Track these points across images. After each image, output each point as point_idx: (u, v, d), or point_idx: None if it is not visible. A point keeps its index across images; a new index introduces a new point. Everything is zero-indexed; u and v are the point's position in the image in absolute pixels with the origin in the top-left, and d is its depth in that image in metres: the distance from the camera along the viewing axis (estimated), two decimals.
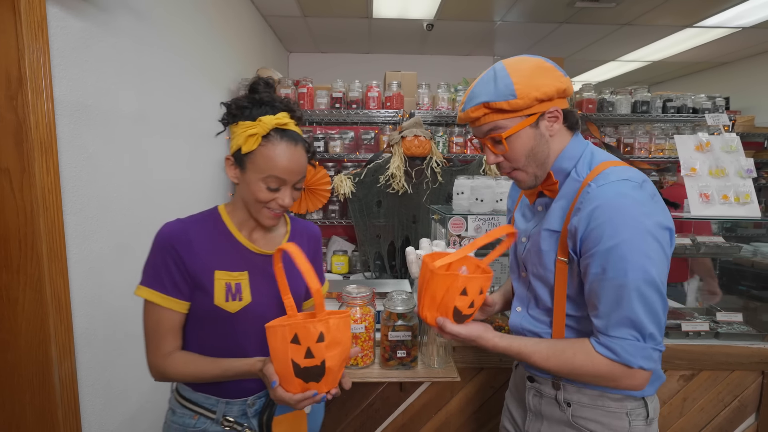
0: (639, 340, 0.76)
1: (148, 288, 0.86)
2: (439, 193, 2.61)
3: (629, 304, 0.75)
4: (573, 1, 3.20)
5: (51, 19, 1.25)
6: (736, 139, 1.75)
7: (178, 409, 0.92)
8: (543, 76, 0.82)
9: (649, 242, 0.75)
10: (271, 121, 0.84)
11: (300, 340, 0.76)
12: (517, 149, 0.85)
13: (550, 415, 0.93)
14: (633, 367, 0.77)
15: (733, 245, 1.77)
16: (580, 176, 0.85)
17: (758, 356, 1.51)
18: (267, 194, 0.86)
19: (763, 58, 4.53)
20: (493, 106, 0.82)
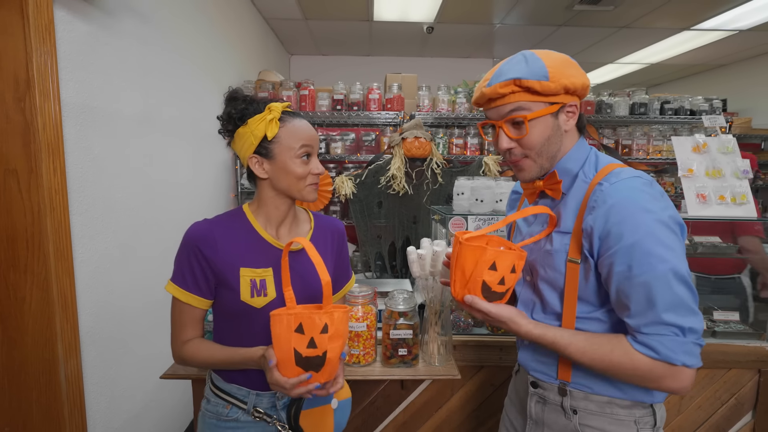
0: (678, 335, 0.73)
1: (174, 284, 0.90)
2: (440, 193, 2.64)
3: (662, 299, 0.72)
4: (571, 4, 3.23)
5: (58, 22, 1.27)
6: (733, 141, 1.77)
7: (213, 399, 0.95)
8: (572, 67, 0.82)
9: (670, 235, 0.74)
10: (280, 106, 0.90)
11: (304, 329, 0.78)
12: (535, 135, 0.83)
13: (552, 423, 0.89)
14: (676, 365, 0.73)
15: (729, 245, 1.79)
16: (588, 177, 0.84)
17: (755, 355, 1.53)
18: (304, 167, 0.91)
19: (760, 61, 4.57)
20: (524, 83, 0.79)
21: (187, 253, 0.88)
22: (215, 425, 0.93)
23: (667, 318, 0.73)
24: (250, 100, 0.92)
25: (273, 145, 0.89)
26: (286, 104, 0.93)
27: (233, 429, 0.93)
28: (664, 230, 0.74)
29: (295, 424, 0.92)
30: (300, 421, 0.92)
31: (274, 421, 0.93)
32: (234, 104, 0.91)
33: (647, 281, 0.73)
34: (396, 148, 2.61)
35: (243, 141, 0.90)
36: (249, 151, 0.90)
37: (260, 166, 0.91)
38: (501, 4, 3.32)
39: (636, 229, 0.74)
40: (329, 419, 0.98)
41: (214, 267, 0.89)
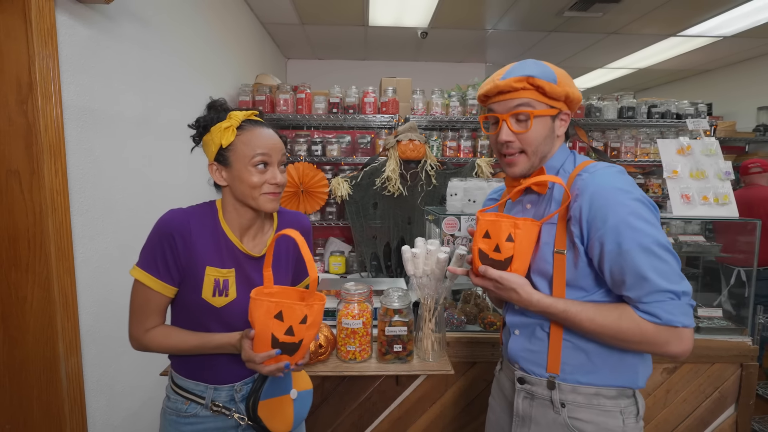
0: (675, 299, 0.78)
1: (142, 270, 0.89)
2: (433, 195, 2.68)
3: (654, 269, 0.78)
4: (562, 11, 3.31)
5: (60, 26, 1.30)
6: (716, 143, 1.83)
7: (172, 396, 0.97)
8: (571, 81, 0.93)
9: (647, 211, 0.82)
10: (240, 114, 0.91)
11: (284, 317, 0.81)
12: (536, 133, 0.90)
13: (541, 418, 0.92)
14: (677, 326, 0.78)
15: (713, 244, 1.85)
16: (567, 172, 0.93)
17: (737, 350, 1.59)
18: (259, 176, 0.89)
19: (744, 66, 4.69)
20: (537, 81, 0.87)
21: (161, 239, 0.88)
22: (175, 421, 0.95)
23: (663, 286, 0.78)
24: (221, 109, 0.94)
25: (229, 153, 0.90)
26: (250, 113, 0.93)
27: (192, 424, 0.94)
28: (642, 207, 0.82)
29: (253, 415, 0.93)
30: (258, 411, 0.93)
31: (232, 414, 0.94)
32: (207, 113, 0.95)
33: (638, 255, 0.79)
34: (391, 151, 2.66)
35: (207, 149, 0.93)
36: (211, 158, 0.93)
37: (219, 173, 0.93)
38: (493, 10, 3.38)
39: (618, 209, 0.81)
40: (288, 409, 0.99)
41: (183, 260, 0.89)
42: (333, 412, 1.49)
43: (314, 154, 2.93)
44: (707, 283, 3.02)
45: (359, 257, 2.81)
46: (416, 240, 1.42)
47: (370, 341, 1.38)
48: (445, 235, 1.60)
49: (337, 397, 1.48)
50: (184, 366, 0.96)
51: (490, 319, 1.58)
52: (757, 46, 4.14)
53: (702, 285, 2.96)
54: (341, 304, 1.34)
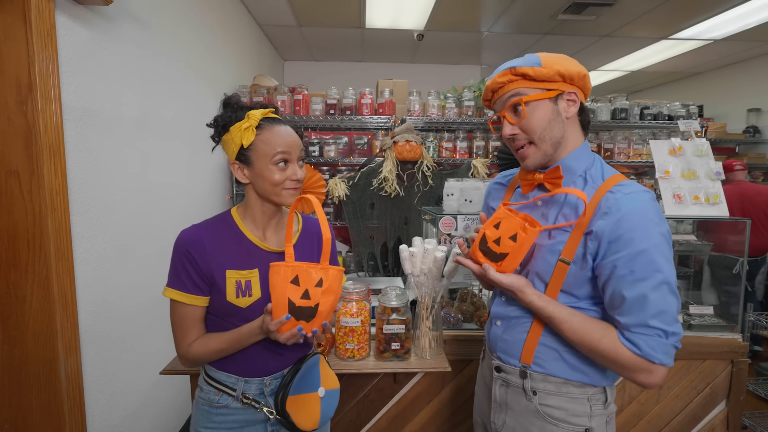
0: (662, 337, 0.80)
1: (172, 289, 0.93)
2: (430, 195, 2.71)
3: (655, 305, 0.79)
4: (555, 14, 3.35)
5: (59, 27, 1.31)
6: (706, 144, 1.87)
7: (205, 387, 0.99)
8: (567, 59, 0.89)
9: (669, 249, 0.82)
10: (258, 113, 0.93)
11: (300, 281, 0.84)
12: (534, 118, 0.88)
13: (515, 404, 0.97)
14: (654, 362, 0.80)
15: (704, 243, 1.89)
16: (595, 182, 0.89)
17: (728, 346, 1.62)
18: (280, 174, 0.92)
19: (734, 69, 4.77)
20: (519, 70, 0.87)
21: (180, 258, 0.92)
22: (207, 411, 0.97)
23: (655, 323, 0.80)
24: (237, 107, 0.95)
25: (250, 152, 0.92)
26: (267, 111, 0.95)
27: (224, 415, 0.97)
28: (665, 244, 0.82)
29: (281, 409, 0.95)
30: (287, 407, 0.95)
31: (261, 407, 0.96)
32: (224, 111, 0.96)
33: (645, 287, 0.80)
34: (388, 152, 2.68)
35: (227, 148, 0.95)
36: (232, 157, 0.94)
37: (241, 171, 0.95)
38: (488, 13, 3.42)
39: (645, 239, 0.80)
40: (315, 406, 1.01)
41: (204, 269, 0.92)
42: None
43: (312, 155, 2.95)
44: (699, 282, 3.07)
45: (356, 257, 2.83)
46: (413, 239, 1.44)
47: (368, 339, 1.40)
48: (442, 235, 1.62)
49: None
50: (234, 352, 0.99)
51: (486, 318, 1.60)
52: (747, 49, 4.21)
53: (694, 283, 3.01)
54: (339, 302, 1.36)
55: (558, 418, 0.92)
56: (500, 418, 1.00)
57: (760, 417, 2.30)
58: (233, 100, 0.98)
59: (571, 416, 0.91)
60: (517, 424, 0.97)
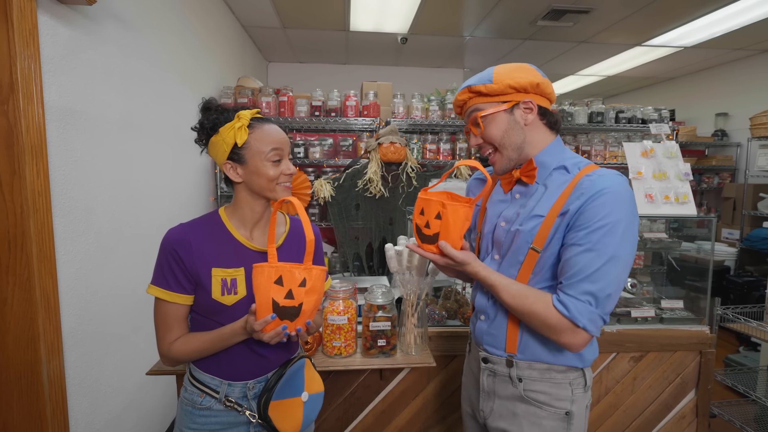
0: (591, 305, 0.87)
1: (156, 286, 0.94)
2: (414, 196, 2.75)
3: (598, 274, 0.85)
4: (535, 20, 3.45)
5: (42, 27, 1.30)
6: (676, 147, 1.97)
7: (189, 387, 1.00)
8: (520, 71, 0.96)
9: (633, 230, 0.88)
10: (248, 113, 0.95)
11: (284, 282, 0.86)
12: (491, 130, 0.97)
13: (502, 392, 1.03)
14: (578, 326, 0.87)
15: (674, 240, 1.98)
16: (572, 172, 0.95)
17: (696, 338, 1.71)
18: (275, 169, 0.95)
19: (703, 75, 4.99)
20: (474, 89, 0.97)
21: (166, 256, 0.93)
22: (190, 412, 0.98)
23: (589, 289, 0.87)
24: (221, 109, 0.97)
25: (244, 150, 0.94)
26: (254, 111, 0.97)
27: (206, 416, 0.97)
28: (631, 224, 0.88)
29: (264, 414, 0.96)
30: (269, 411, 0.96)
31: (244, 410, 0.97)
32: (207, 114, 0.97)
33: (592, 258, 0.86)
34: (372, 153, 2.71)
35: (217, 149, 0.96)
36: (223, 157, 0.96)
37: (234, 171, 0.96)
38: (470, 18, 3.50)
39: (610, 215, 0.86)
40: (298, 411, 1.02)
41: (190, 268, 0.93)
42: None
43: (297, 157, 2.96)
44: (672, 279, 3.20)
45: (342, 258, 2.85)
46: (399, 238, 1.47)
47: (355, 337, 1.43)
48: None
49: None
50: (205, 359, 0.99)
51: (470, 314, 1.65)
52: (715, 56, 4.41)
53: (667, 280, 3.14)
54: (326, 301, 1.38)
55: (542, 402, 0.98)
56: (488, 405, 1.06)
57: (728, 406, 2.42)
58: (213, 104, 0.99)
59: (554, 400, 0.98)
60: (503, 409, 1.03)
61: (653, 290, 2.20)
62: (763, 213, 3.77)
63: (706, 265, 2.23)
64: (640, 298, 1.96)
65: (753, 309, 2.25)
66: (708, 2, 3.11)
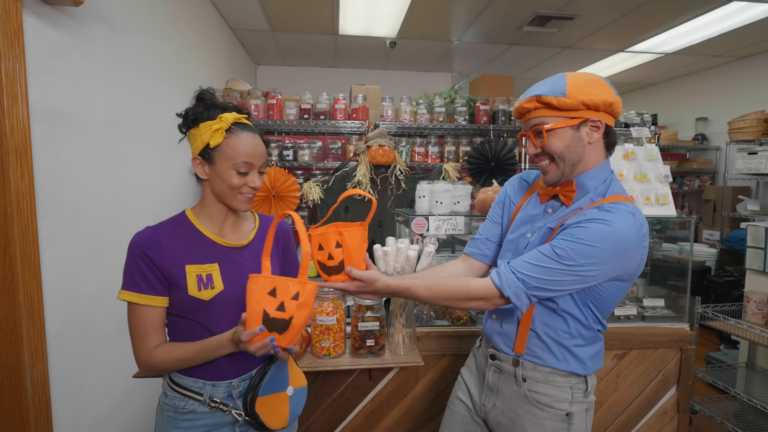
0: (521, 279, 0.92)
1: (127, 291, 0.92)
2: (403, 198, 2.78)
3: (538, 262, 0.91)
4: (521, 26, 3.52)
5: (27, 28, 1.29)
6: (656, 150, 2.03)
7: (170, 393, 0.98)
8: (595, 86, 0.91)
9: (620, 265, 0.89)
10: (231, 117, 0.94)
11: (277, 294, 0.85)
12: (554, 144, 0.93)
13: (505, 389, 1.06)
14: (504, 294, 0.93)
15: (655, 240, 2.04)
16: (595, 198, 0.95)
17: (677, 335, 1.76)
18: (239, 179, 0.94)
19: (683, 81, 5.13)
20: (544, 99, 0.91)
21: (135, 259, 0.92)
22: (173, 417, 0.96)
23: (526, 271, 0.92)
24: (210, 105, 0.96)
25: (215, 152, 0.93)
26: (241, 116, 0.96)
27: (190, 420, 0.96)
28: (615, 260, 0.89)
29: (251, 411, 0.95)
30: (256, 408, 0.95)
31: (230, 410, 0.96)
32: (196, 105, 0.97)
33: (545, 251, 0.91)
34: (361, 156, 2.73)
35: (193, 141, 0.96)
36: (195, 152, 0.96)
37: (202, 167, 0.96)
38: (458, 23, 3.55)
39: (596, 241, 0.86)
40: (285, 406, 1.02)
41: (162, 268, 0.92)
42: (307, 409, 1.52)
43: (286, 159, 2.96)
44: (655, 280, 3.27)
45: None
46: (387, 239, 1.49)
47: (344, 337, 1.43)
48: (414, 235, 1.68)
49: (311, 393, 1.52)
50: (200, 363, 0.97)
51: (457, 314, 1.67)
52: (695, 63, 4.55)
53: (650, 281, 3.21)
54: (315, 301, 1.39)
55: (543, 403, 1.02)
56: (491, 401, 1.09)
57: (709, 402, 2.49)
58: (207, 96, 0.99)
59: (555, 401, 1.01)
60: (506, 407, 1.06)
61: (637, 290, 2.26)
62: (741, 214, 3.88)
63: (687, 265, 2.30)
64: (623, 297, 2.01)
65: (732, 307, 2.32)
66: (687, 10, 3.21)
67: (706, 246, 4.19)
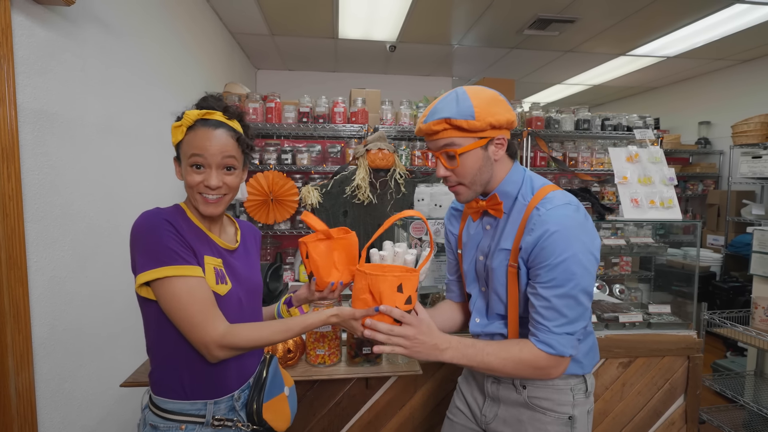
0: (570, 334, 0.91)
1: (168, 266, 0.81)
2: (402, 202, 2.73)
3: (567, 307, 0.89)
4: (521, 29, 3.50)
5: (16, 27, 1.26)
6: (660, 152, 1.99)
7: (162, 424, 0.88)
8: (498, 105, 0.92)
9: (590, 258, 0.90)
10: (194, 114, 0.88)
11: (404, 289, 0.89)
12: (467, 167, 0.94)
13: (506, 398, 1.04)
14: (565, 356, 0.92)
15: (660, 245, 1.99)
16: (525, 200, 0.96)
17: (684, 343, 1.71)
18: (194, 176, 0.88)
19: (686, 85, 5.10)
20: (454, 122, 0.90)
21: (162, 231, 0.83)
22: None
23: (564, 322, 0.90)
24: (196, 105, 0.92)
25: (180, 150, 0.90)
26: (204, 112, 0.88)
27: None
28: (585, 254, 0.89)
29: (259, 419, 0.93)
30: (263, 414, 0.93)
31: (235, 423, 0.92)
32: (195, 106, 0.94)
33: (562, 293, 0.89)
34: (360, 160, 2.70)
35: None
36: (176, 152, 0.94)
37: (177, 167, 0.94)
38: (458, 27, 3.54)
39: (564, 250, 0.88)
40: (285, 406, 1.02)
41: (189, 244, 0.87)
42: (302, 419, 1.47)
43: (284, 163, 2.93)
44: (659, 285, 3.22)
45: None
46: (384, 243, 1.45)
47: (339, 345, 1.39)
48: (413, 239, 1.64)
49: (306, 403, 1.47)
50: (175, 387, 0.89)
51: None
52: (697, 66, 4.52)
53: (654, 286, 3.15)
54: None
55: (546, 408, 1.00)
56: (492, 411, 1.07)
57: (716, 411, 2.42)
58: (209, 101, 0.93)
59: (557, 405, 1.00)
60: (508, 415, 1.05)
61: (641, 295, 2.21)
62: (746, 219, 3.83)
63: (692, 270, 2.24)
64: (627, 303, 1.96)
65: (739, 314, 2.26)
66: (689, 13, 3.19)
67: (710, 251, 4.13)
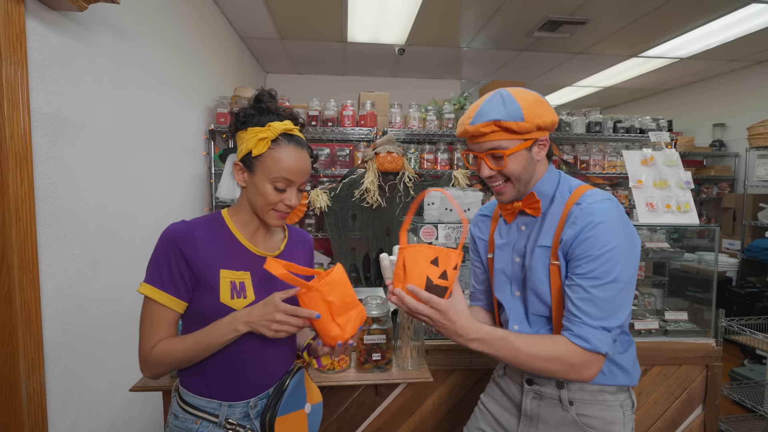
0: (606, 330, 0.86)
1: (149, 284, 0.87)
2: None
3: (605, 300, 0.86)
4: (531, 31, 3.47)
5: (30, 32, 1.27)
6: (676, 154, 1.94)
7: (181, 414, 0.92)
8: (543, 107, 0.93)
9: (632, 254, 0.88)
10: (280, 127, 0.89)
11: (439, 263, 0.87)
12: (512, 167, 0.94)
13: (549, 416, 0.97)
14: (600, 354, 0.86)
15: (676, 250, 1.94)
16: (564, 198, 0.96)
17: (702, 351, 1.66)
18: (275, 195, 0.89)
19: (699, 86, 5.01)
20: (503, 124, 0.90)
21: (166, 251, 0.86)
22: None
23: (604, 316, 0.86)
24: (265, 109, 0.92)
25: (256, 161, 0.89)
26: (291, 126, 0.91)
27: None
28: (626, 246, 0.87)
29: (270, 431, 0.91)
30: (275, 428, 0.91)
31: (247, 431, 0.92)
32: (250, 107, 0.93)
33: (603, 284, 0.85)
34: (369, 163, 2.69)
35: (239, 145, 0.92)
36: (239, 156, 0.92)
37: (241, 174, 0.93)
38: (467, 30, 3.52)
39: (608, 242, 0.86)
40: (303, 424, 0.98)
41: (194, 267, 0.87)
42: None
43: (318, 156, 2.92)
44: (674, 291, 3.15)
45: None
46: (394, 248, 1.43)
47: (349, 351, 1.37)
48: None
49: None
50: (198, 382, 0.92)
51: None
52: (710, 68, 4.44)
53: (669, 291, 3.09)
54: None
55: (596, 428, 0.94)
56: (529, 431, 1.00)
57: (735, 422, 2.35)
58: (265, 98, 0.94)
59: (608, 425, 0.94)
60: None
61: (654, 301, 2.15)
62: (763, 223, 3.74)
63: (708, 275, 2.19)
64: (643, 310, 1.92)
65: (758, 321, 2.20)
66: (701, 14, 3.13)
67: (726, 256, 4.04)
